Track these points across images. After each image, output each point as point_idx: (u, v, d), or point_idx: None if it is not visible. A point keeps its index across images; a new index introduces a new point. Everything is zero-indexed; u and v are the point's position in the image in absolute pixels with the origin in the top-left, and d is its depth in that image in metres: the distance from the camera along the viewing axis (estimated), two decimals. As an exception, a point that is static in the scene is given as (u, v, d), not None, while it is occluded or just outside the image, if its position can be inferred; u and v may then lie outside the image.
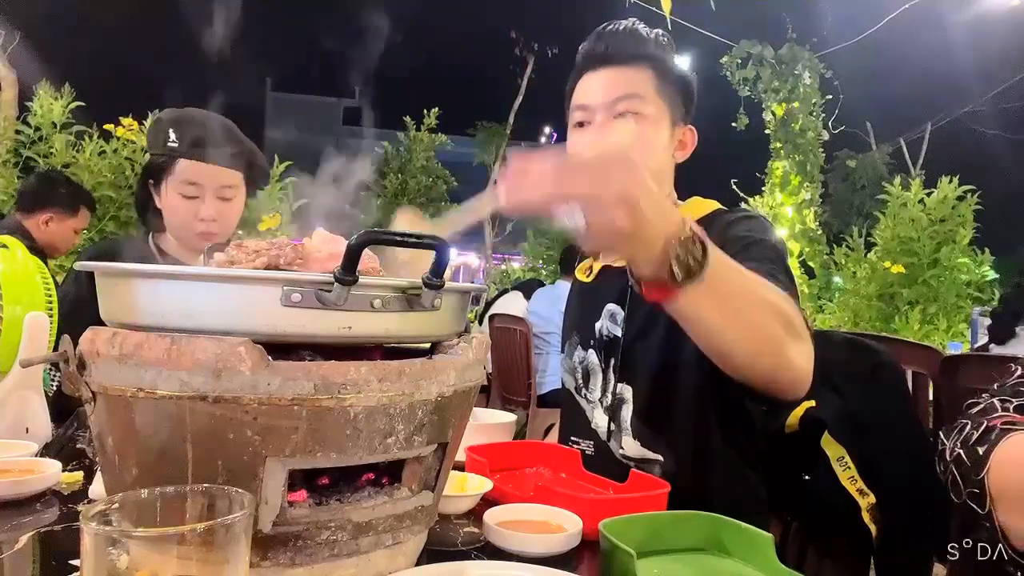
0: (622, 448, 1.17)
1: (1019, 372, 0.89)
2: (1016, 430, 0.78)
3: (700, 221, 1.20)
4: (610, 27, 1.24)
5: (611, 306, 1.22)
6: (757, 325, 0.83)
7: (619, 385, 1.19)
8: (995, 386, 0.90)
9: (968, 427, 0.83)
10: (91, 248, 1.91)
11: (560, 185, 0.70)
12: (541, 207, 0.71)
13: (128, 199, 3.79)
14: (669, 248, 0.74)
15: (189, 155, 1.60)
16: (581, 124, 1.22)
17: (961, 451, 0.81)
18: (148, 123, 3.81)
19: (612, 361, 1.21)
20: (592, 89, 1.21)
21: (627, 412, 1.18)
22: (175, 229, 1.67)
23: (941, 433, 0.88)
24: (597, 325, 1.24)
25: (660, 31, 1.25)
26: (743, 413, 1.15)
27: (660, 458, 1.14)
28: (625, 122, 1.18)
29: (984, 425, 0.81)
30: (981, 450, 0.79)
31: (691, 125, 1.26)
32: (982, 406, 0.86)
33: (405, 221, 0.71)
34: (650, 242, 0.74)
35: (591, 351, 1.26)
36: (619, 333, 1.20)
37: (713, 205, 1.23)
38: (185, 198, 1.61)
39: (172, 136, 1.60)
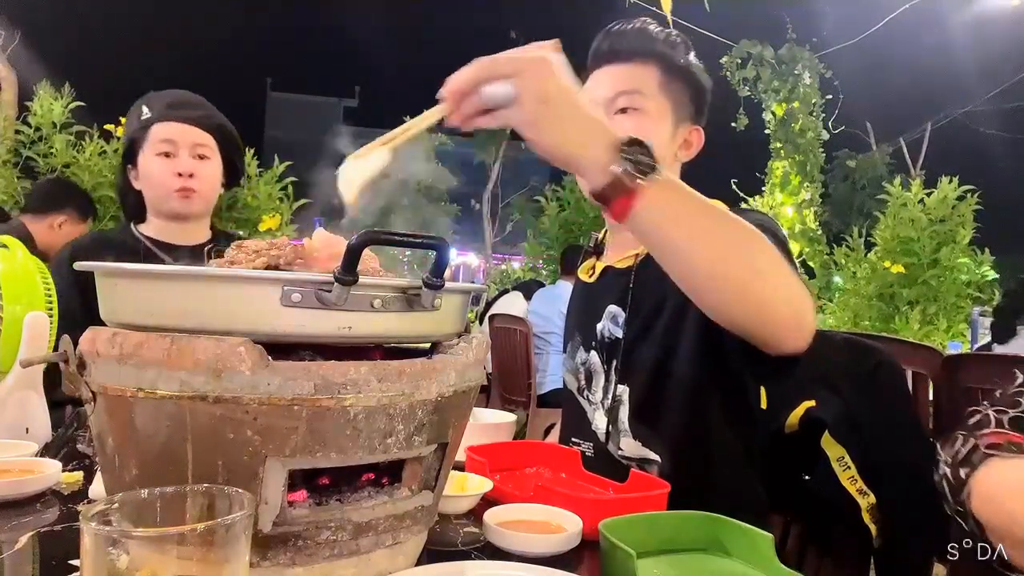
0: (621, 449, 1.17)
1: (1021, 379, 0.88)
2: (995, 455, 0.77)
3: None
4: (617, 26, 1.24)
5: (612, 307, 1.22)
6: (724, 241, 0.80)
7: (619, 387, 1.19)
8: (997, 393, 0.89)
9: (959, 441, 0.82)
10: (79, 240, 1.83)
11: (480, 68, 0.74)
12: (471, 89, 0.74)
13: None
14: (615, 149, 0.76)
15: (161, 118, 1.66)
16: None
17: (948, 470, 0.81)
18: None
19: (613, 363, 1.21)
20: (595, 85, 1.21)
21: (625, 413, 1.18)
22: (154, 193, 1.69)
23: (938, 444, 0.88)
24: (599, 327, 1.24)
25: (674, 31, 1.25)
26: (745, 411, 1.15)
27: (658, 458, 1.14)
28: (625, 118, 1.18)
29: (972, 443, 0.80)
30: (963, 472, 0.78)
31: (700, 126, 1.25)
32: (978, 418, 0.85)
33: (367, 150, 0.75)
34: (584, 126, 0.76)
35: (593, 352, 1.26)
36: (620, 335, 1.20)
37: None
38: (161, 157, 1.65)
39: (145, 111, 1.67)
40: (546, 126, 0.75)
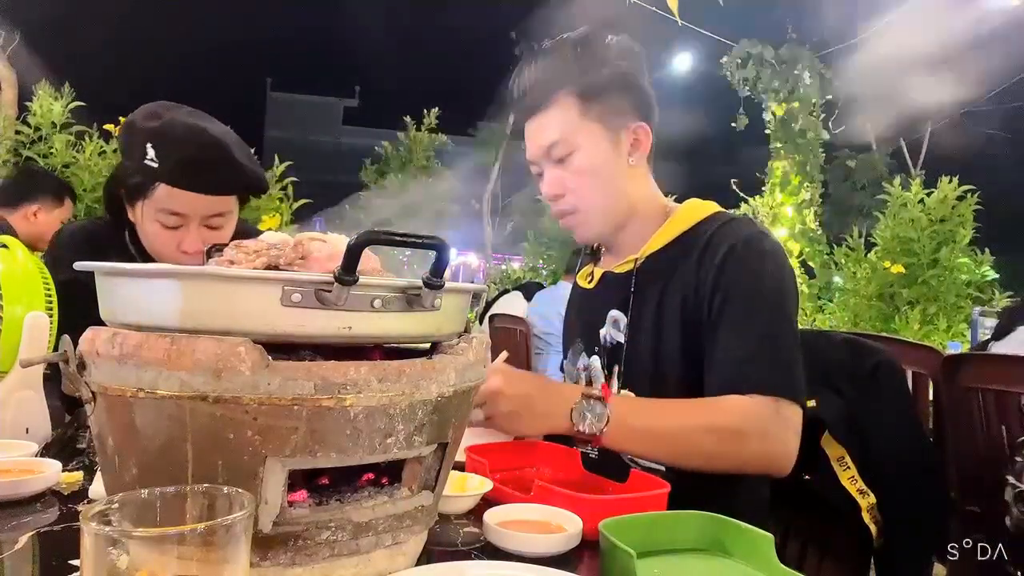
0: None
1: None
2: None
3: (698, 224, 1.19)
4: (520, 75, 1.21)
5: (614, 312, 1.22)
6: (679, 443, 1.04)
7: (623, 391, 1.19)
8: None
9: None
10: (70, 230, 1.60)
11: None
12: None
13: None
14: (573, 414, 1.02)
15: (171, 181, 1.32)
16: (540, 175, 1.24)
17: None
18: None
19: (616, 367, 1.21)
20: (528, 144, 1.23)
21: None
22: (151, 250, 1.44)
23: (1010, 478, 0.88)
24: (601, 332, 1.24)
25: (577, 36, 1.19)
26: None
27: (662, 459, 1.14)
28: (562, 168, 1.19)
29: None
30: None
31: (644, 122, 1.20)
32: None
33: None
34: (546, 417, 1.04)
35: (595, 358, 1.26)
36: (622, 339, 1.20)
37: (712, 207, 1.22)
38: (165, 227, 1.37)
39: (150, 153, 1.31)
40: (516, 426, 1.06)
